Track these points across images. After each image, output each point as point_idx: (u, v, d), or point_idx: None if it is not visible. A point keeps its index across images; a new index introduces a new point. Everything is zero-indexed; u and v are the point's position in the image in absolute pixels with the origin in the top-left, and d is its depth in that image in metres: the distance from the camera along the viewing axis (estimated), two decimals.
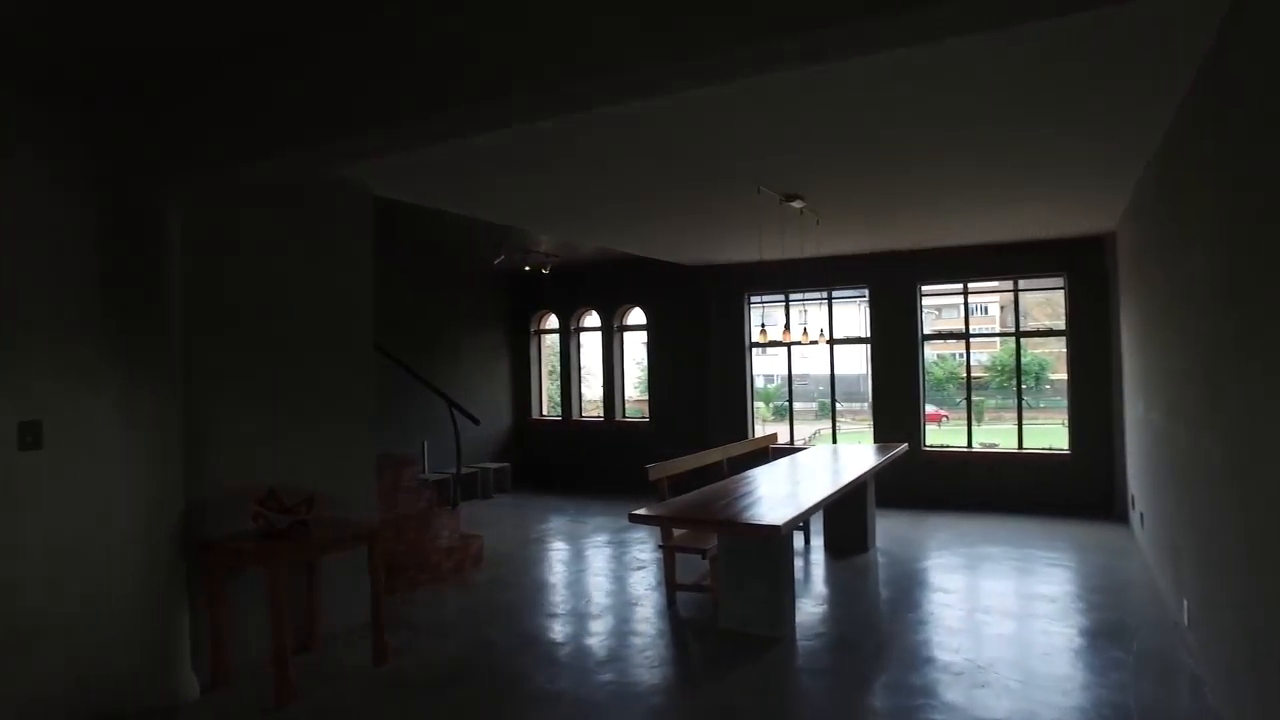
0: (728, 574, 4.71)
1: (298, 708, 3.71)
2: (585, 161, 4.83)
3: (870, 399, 9.23)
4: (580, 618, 5.06)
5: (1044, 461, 8.30)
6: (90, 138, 3.65)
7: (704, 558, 5.14)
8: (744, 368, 9.73)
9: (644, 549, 6.76)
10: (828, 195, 5.79)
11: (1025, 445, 8.57)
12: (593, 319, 10.88)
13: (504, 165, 4.86)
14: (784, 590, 4.59)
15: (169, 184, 3.64)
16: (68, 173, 3.60)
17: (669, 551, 5.26)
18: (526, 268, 9.23)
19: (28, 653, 3.42)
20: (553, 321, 11.14)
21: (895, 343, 8.88)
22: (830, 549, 6.60)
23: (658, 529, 5.60)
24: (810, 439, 13.66)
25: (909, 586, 5.59)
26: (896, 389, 8.87)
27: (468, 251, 8.69)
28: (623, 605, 5.30)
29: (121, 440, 3.67)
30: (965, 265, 8.53)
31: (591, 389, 11.36)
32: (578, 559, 6.76)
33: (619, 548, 6.96)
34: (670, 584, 5.28)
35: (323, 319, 4.73)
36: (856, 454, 7.01)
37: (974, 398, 9.14)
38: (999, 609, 5.00)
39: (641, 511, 4.54)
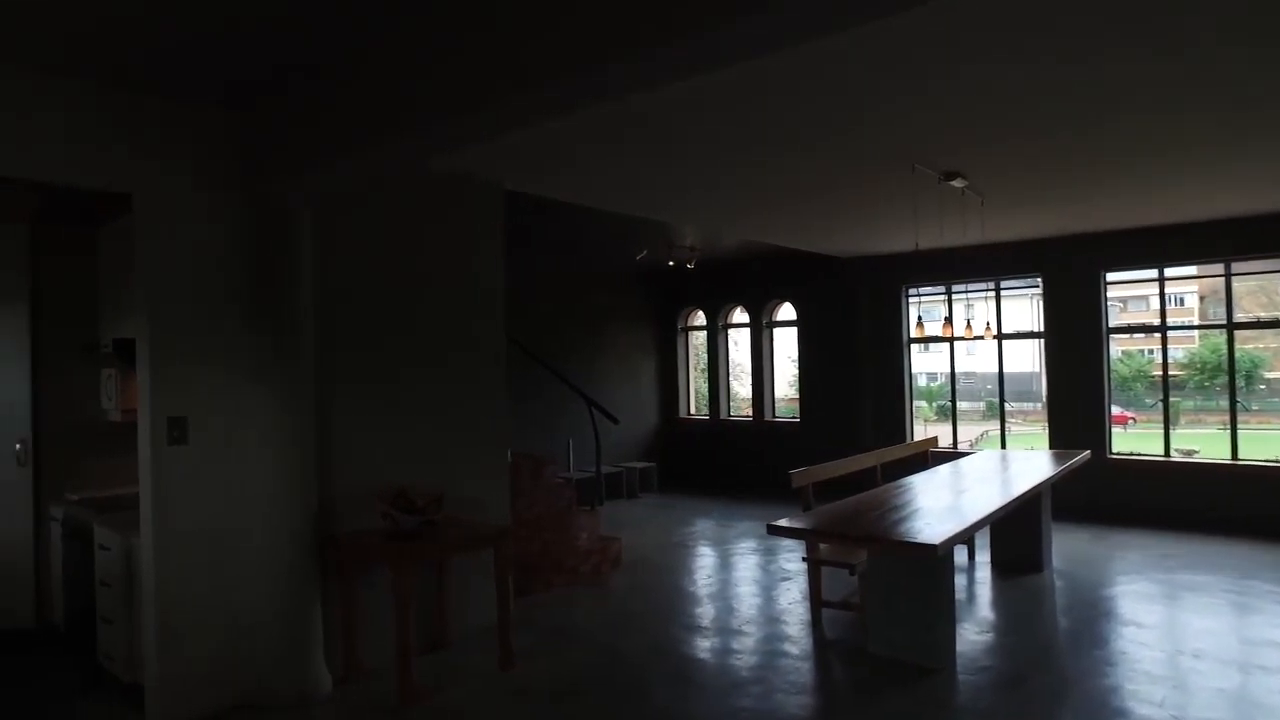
0: (878, 593, 4.26)
1: (420, 710, 3.65)
2: (727, 145, 4.52)
3: (1045, 399, 8.30)
4: (717, 631, 4.76)
5: (1265, 475, 7.07)
6: (230, 138, 3.76)
7: (852, 574, 4.69)
8: (901, 366, 9.04)
9: (792, 558, 6.34)
10: (992, 170, 5.15)
11: (1240, 455, 7.35)
12: (741, 315, 10.54)
13: (642, 155, 4.64)
14: (942, 615, 4.08)
15: (301, 183, 3.66)
16: (210, 174, 3.71)
17: (814, 565, 4.85)
18: (670, 263, 9.02)
19: (181, 636, 3.57)
20: (700, 318, 10.90)
21: (1074, 337, 7.91)
22: (998, 567, 5.91)
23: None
24: (976, 442, 12.61)
25: (1092, 617, 4.85)
26: (1075, 388, 7.90)
27: (610, 248, 8.59)
28: (764, 620, 4.94)
29: (258, 437, 3.75)
30: (1161, 247, 7.45)
31: (744, 386, 11.04)
32: (720, 566, 6.45)
33: (765, 555, 6.60)
34: (815, 600, 4.87)
35: (454, 316, 4.70)
36: (1029, 460, 6.26)
37: (1170, 399, 7.99)
38: (1213, 655, 4.16)
39: (782, 523, 4.15)
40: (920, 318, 7.02)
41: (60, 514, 4.49)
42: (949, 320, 7.04)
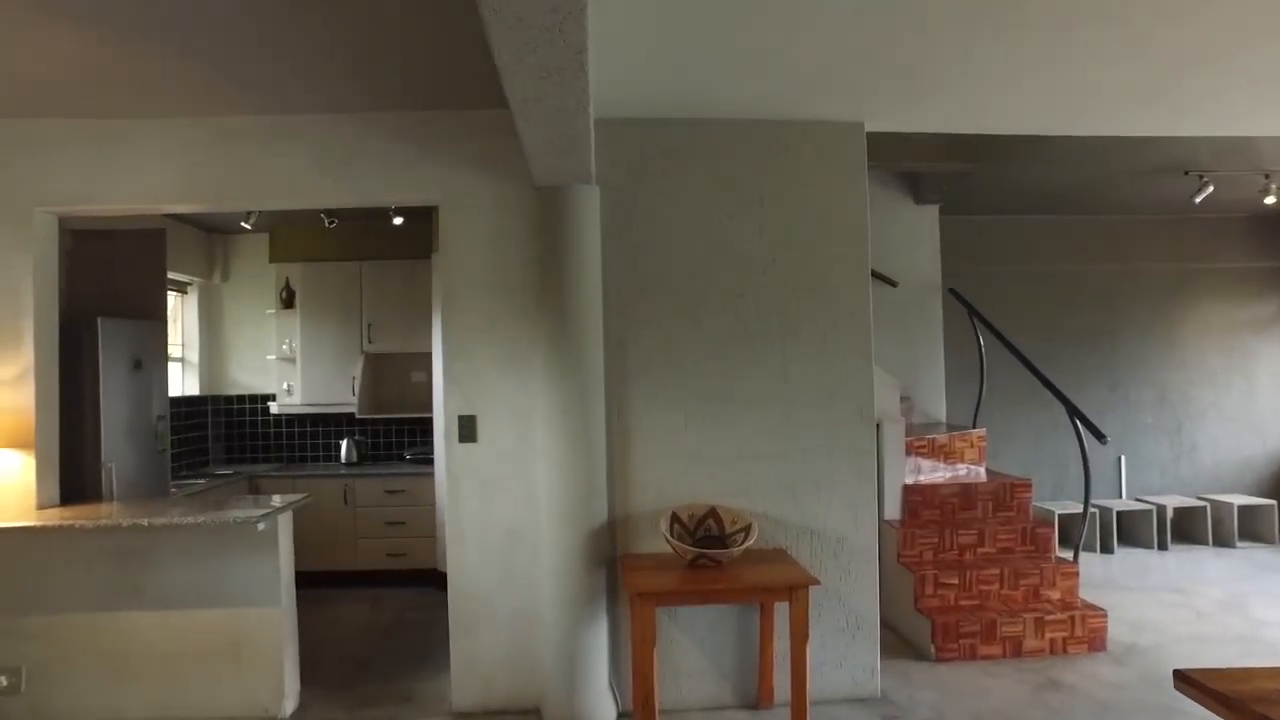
0: None
1: None
2: None
3: None
4: None
5: None
6: (513, 129, 3.68)
7: None
8: None
9: None
10: None
11: None
12: None
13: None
14: None
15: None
16: (497, 168, 3.67)
17: None
18: (1271, 199, 5.90)
19: (473, 634, 3.65)
20: None
21: None
22: None
23: None
24: None
25: None
26: None
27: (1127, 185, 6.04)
28: None
29: (544, 439, 3.59)
30: None
31: None
32: None
33: None
34: None
35: (793, 297, 3.75)
36: None
37: None
38: None
39: None
40: None
41: None
42: None
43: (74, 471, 3.88)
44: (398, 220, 5.38)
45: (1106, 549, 6.34)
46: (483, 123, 3.63)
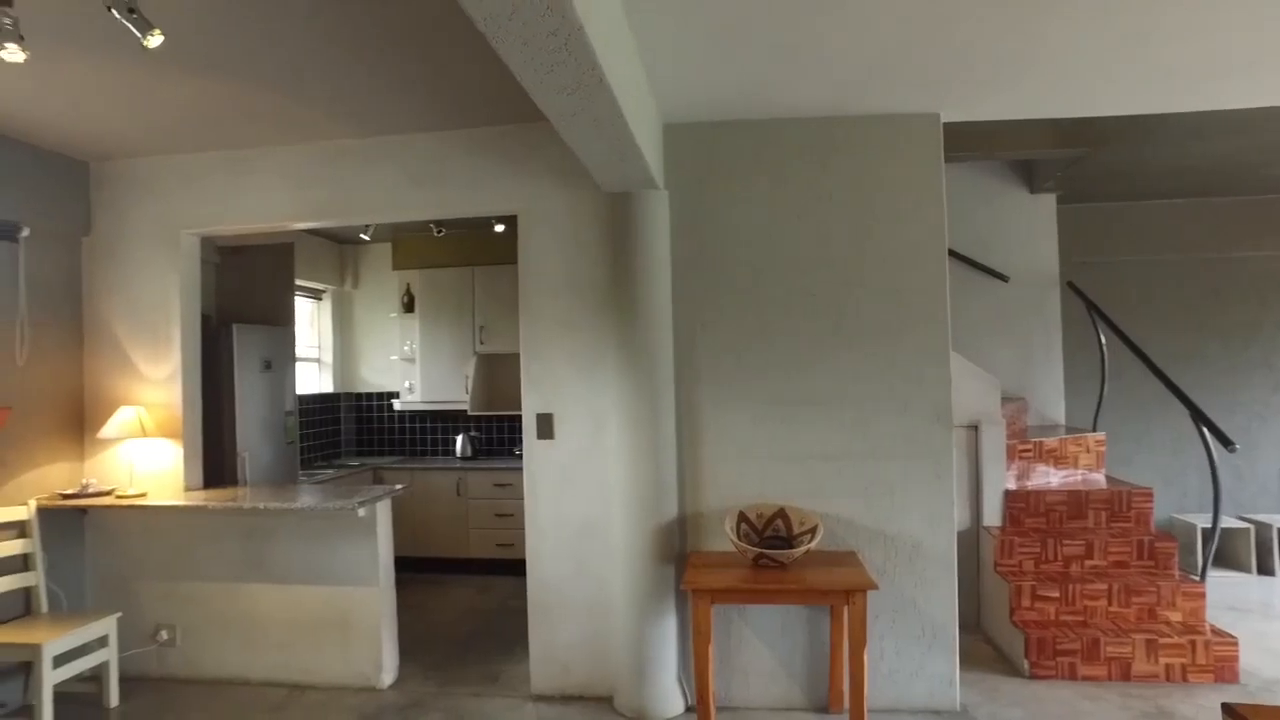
0: None
1: None
2: None
3: None
4: None
5: None
6: None
7: None
8: None
9: None
10: None
11: None
12: None
13: None
14: None
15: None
16: (564, 170, 3.81)
17: None
18: None
19: (550, 622, 3.84)
20: None
21: None
22: None
23: None
24: None
25: None
26: None
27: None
28: None
29: (617, 437, 3.71)
30: None
31: None
32: None
33: None
34: None
35: (864, 297, 3.68)
36: None
37: None
38: None
39: None
40: None
41: None
42: None
43: (215, 459, 4.41)
44: (499, 228, 5.69)
45: (1265, 569, 5.68)
46: (555, 135, 3.78)
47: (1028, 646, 3.89)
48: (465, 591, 5.64)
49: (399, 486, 4.29)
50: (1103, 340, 5.36)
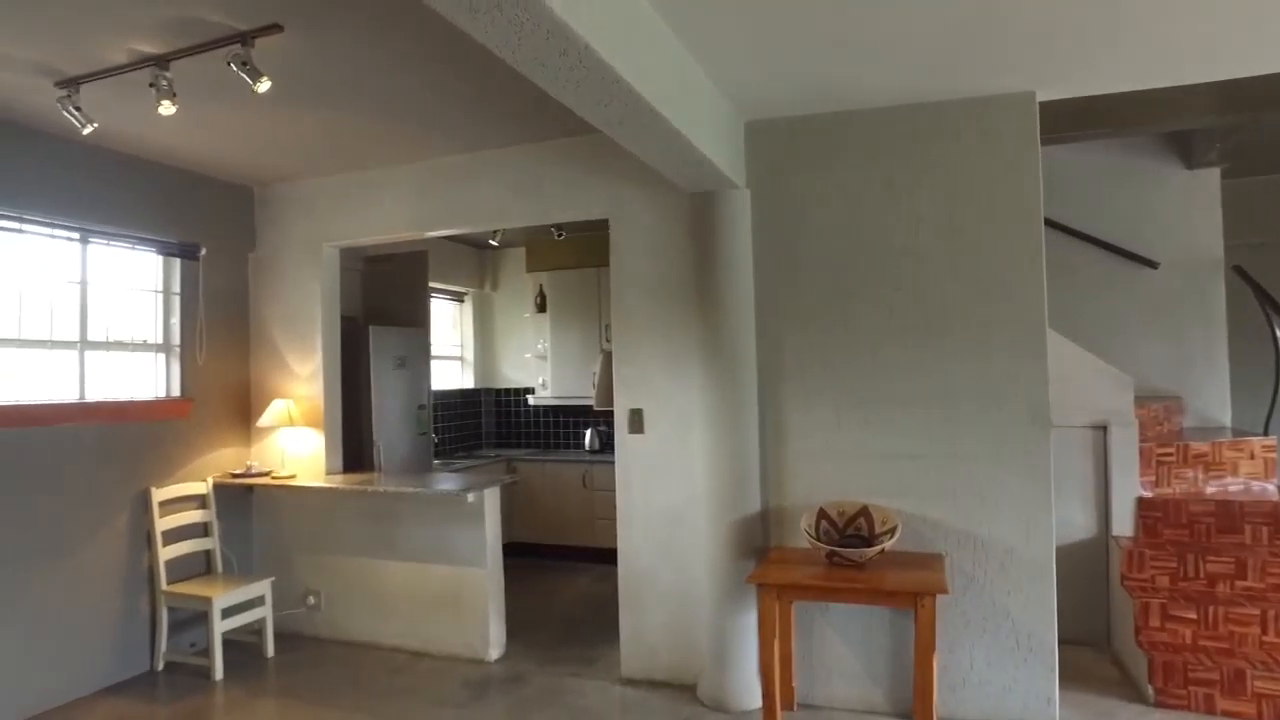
0: None
1: None
2: None
3: None
4: None
5: None
6: None
7: None
8: None
9: None
10: None
11: None
12: None
13: None
14: None
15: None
16: (650, 174, 3.87)
17: None
18: None
19: (639, 609, 3.99)
20: None
21: None
22: None
23: None
24: None
25: None
26: None
27: None
28: None
29: (703, 433, 3.77)
30: None
31: None
32: None
33: None
34: None
35: (953, 291, 3.49)
36: None
37: None
38: None
39: None
40: None
41: None
42: None
43: (355, 448, 4.95)
44: None
45: None
46: None
47: (1152, 670, 3.55)
48: (585, 579, 5.92)
49: (508, 478, 4.63)
50: (1277, 332, 4.71)
